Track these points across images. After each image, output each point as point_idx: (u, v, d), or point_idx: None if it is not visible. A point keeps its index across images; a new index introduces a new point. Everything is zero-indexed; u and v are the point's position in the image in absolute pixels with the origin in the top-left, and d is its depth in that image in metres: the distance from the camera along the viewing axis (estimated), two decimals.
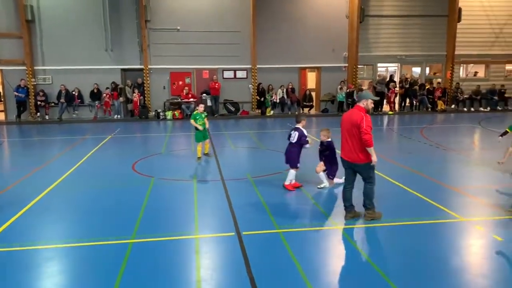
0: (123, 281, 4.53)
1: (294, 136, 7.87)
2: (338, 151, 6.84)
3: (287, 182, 7.99)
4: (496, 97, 22.02)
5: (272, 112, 20.64)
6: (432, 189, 7.84)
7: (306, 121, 8.30)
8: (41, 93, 19.31)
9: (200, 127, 10.38)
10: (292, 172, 7.94)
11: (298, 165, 7.99)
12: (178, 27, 19.93)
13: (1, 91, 19.84)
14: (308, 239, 5.67)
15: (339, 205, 6.68)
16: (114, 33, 19.61)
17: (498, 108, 21.92)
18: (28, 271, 4.84)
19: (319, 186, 8.00)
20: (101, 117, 19.77)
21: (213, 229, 6.12)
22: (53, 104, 19.66)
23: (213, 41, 20.07)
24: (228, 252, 5.30)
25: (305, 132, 7.95)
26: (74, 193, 7.98)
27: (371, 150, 5.95)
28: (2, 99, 20.14)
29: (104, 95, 19.56)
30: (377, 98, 6.22)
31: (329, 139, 7.99)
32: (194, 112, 10.72)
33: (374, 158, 5.99)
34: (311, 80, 23.82)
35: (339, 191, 7.55)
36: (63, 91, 19.32)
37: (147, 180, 8.77)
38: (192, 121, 10.58)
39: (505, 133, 9.11)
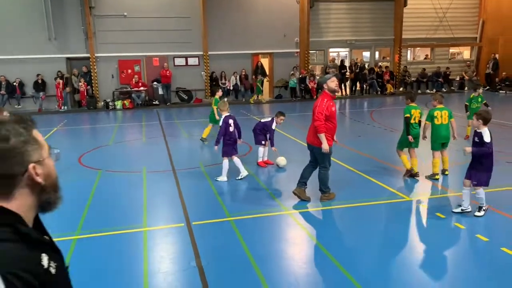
0: None
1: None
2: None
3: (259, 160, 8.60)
4: (441, 79, 22.93)
5: (226, 99, 20.46)
6: (380, 171, 8.06)
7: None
8: None
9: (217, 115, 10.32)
10: (260, 149, 8.62)
11: (263, 142, 8.56)
12: (125, 13, 19.20)
13: None
14: (258, 226, 5.67)
15: (289, 189, 6.71)
16: (57, 21, 18.62)
17: (443, 89, 22.83)
18: None
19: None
20: (46, 109, 18.85)
21: (163, 220, 6.00)
22: None
23: (162, 27, 19.51)
24: (177, 243, 5.21)
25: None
26: None
27: (321, 136, 6.00)
28: None
29: (57, 85, 18.51)
30: (330, 76, 6.29)
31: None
32: (216, 97, 11.04)
33: (324, 145, 6.01)
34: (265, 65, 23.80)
35: (289, 176, 7.60)
36: (3, 82, 18.22)
37: (94, 173, 8.45)
38: (215, 107, 10.60)
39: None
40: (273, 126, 8.55)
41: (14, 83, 18.48)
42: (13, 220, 1.22)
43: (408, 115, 7.50)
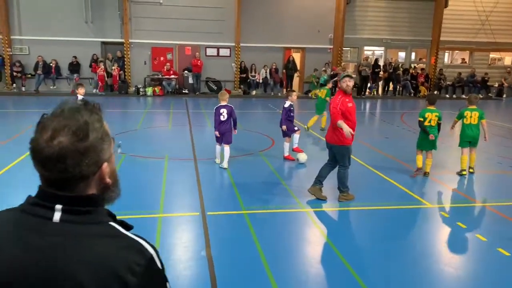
0: None
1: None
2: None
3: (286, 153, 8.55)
4: (478, 84, 22.10)
5: (254, 92, 20.45)
6: (403, 175, 7.84)
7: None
8: (17, 64, 18.75)
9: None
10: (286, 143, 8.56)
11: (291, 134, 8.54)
12: (161, 1, 19.40)
13: None
14: (272, 221, 5.63)
15: (308, 186, 6.61)
16: (95, 5, 19.02)
17: (480, 96, 22.02)
18: None
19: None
20: None
21: (179, 208, 6.04)
22: (29, 75, 19.12)
23: (196, 16, 19.61)
24: (190, 232, 5.23)
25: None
26: None
27: (340, 124, 5.81)
28: None
29: (99, 69, 18.89)
30: (343, 75, 6.25)
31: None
32: (327, 88, 11.68)
33: (345, 129, 5.76)
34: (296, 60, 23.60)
35: (309, 173, 7.50)
36: (40, 63, 18.78)
37: (118, 157, 8.59)
38: (328, 98, 10.98)
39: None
40: (286, 105, 8.51)
41: (51, 64, 19.02)
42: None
43: (421, 118, 7.55)
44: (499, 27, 22.46)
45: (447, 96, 22.17)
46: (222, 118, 7.81)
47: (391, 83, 21.83)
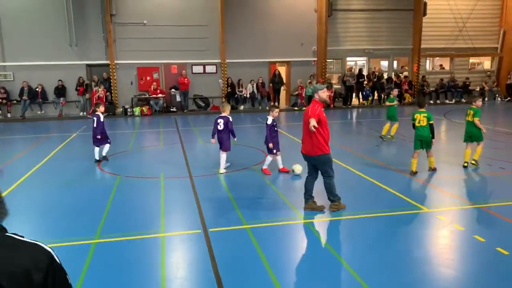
0: (86, 281, 4.40)
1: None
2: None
3: (264, 167, 8.66)
4: (460, 89, 22.61)
5: (242, 107, 20.58)
6: (397, 181, 7.98)
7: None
8: (1, 90, 18.60)
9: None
10: (268, 158, 8.66)
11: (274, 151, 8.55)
12: (145, 21, 19.52)
13: None
14: (275, 234, 5.66)
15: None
16: (78, 28, 19.05)
17: (463, 100, 22.54)
18: None
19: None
20: (66, 114, 19.22)
21: (180, 226, 6.04)
22: (15, 101, 18.96)
23: (181, 35, 19.77)
24: (194, 249, 5.23)
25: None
26: (37, 192, 7.72)
27: (312, 120, 5.85)
28: None
29: (95, 90, 18.80)
30: (323, 87, 6.33)
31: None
32: (391, 96, 12.70)
33: (312, 122, 5.82)
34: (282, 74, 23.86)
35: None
36: (25, 88, 18.67)
37: (113, 178, 8.57)
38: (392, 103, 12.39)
39: None
40: (269, 121, 8.55)
41: (37, 89, 18.90)
42: None
43: (412, 120, 8.51)
44: (476, 32, 23.11)
45: (431, 102, 22.60)
46: (219, 127, 8.62)
47: (375, 92, 22.19)
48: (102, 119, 10.02)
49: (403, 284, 4.32)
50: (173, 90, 20.14)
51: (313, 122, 5.83)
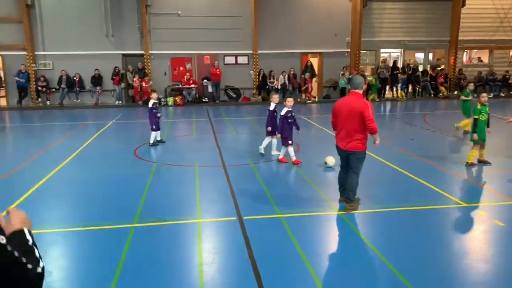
0: (125, 265, 4.56)
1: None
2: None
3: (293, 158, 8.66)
4: (495, 81, 21.83)
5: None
6: (435, 175, 7.83)
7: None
8: (42, 79, 19.24)
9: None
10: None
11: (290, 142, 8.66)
12: (179, 12, 19.73)
13: (2, 77, 19.75)
14: (309, 224, 5.69)
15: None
16: (115, 18, 19.45)
17: (502, 94, 21.76)
18: None
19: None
20: (102, 103, 19.73)
21: (215, 213, 6.14)
22: (54, 89, 19.60)
23: (214, 26, 19.89)
24: (229, 236, 5.32)
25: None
26: (76, 178, 8.00)
27: (377, 136, 5.97)
28: (3, 85, 20.07)
29: (134, 80, 19.38)
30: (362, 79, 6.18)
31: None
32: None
33: (378, 141, 6.05)
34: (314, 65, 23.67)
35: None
36: (63, 77, 19.25)
37: (150, 165, 8.78)
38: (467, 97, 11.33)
39: None
40: (283, 112, 8.57)
41: (74, 78, 19.47)
42: None
43: (477, 115, 8.46)
44: None
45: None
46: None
47: (410, 84, 21.71)
48: (150, 105, 10.88)
49: (441, 278, 4.27)
50: (205, 80, 20.32)
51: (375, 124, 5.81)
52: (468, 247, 5.06)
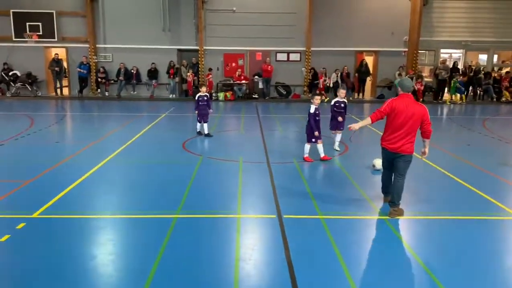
0: (165, 253, 4.69)
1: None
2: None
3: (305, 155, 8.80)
4: None
5: (327, 99, 20.25)
6: (489, 184, 7.40)
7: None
8: (101, 70, 20.18)
9: None
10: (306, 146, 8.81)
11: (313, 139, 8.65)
12: (234, 8, 19.95)
13: (67, 67, 20.93)
14: (350, 227, 5.56)
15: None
16: (172, 14, 20.00)
17: None
18: (82, 237, 5.13)
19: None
20: (157, 96, 20.38)
21: (255, 210, 6.16)
22: (112, 81, 20.50)
23: (268, 22, 19.92)
24: (268, 233, 5.32)
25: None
26: (126, 167, 8.33)
27: (428, 142, 5.92)
28: (67, 75, 21.26)
29: (188, 74, 20.01)
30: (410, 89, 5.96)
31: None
32: None
33: (427, 149, 5.97)
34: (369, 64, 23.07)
35: None
36: (122, 69, 20.08)
37: (196, 158, 8.96)
38: None
39: None
40: (311, 110, 8.50)
41: (132, 70, 20.25)
42: None
43: None
44: None
45: None
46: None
47: (471, 87, 20.62)
48: (196, 98, 11.58)
49: None
50: (256, 77, 20.41)
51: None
52: None
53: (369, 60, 21.07)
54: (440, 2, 20.37)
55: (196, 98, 11.49)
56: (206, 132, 11.32)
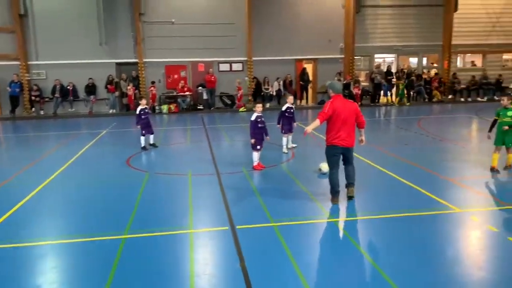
0: (116, 277, 4.49)
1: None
2: None
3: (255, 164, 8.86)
4: (492, 86, 21.94)
5: (268, 105, 20.53)
6: (428, 180, 7.81)
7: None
8: (35, 88, 19.17)
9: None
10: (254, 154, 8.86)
11: (258, 147, 8.74)
12: (173, 20, 19.77)
13: None
14: (302, 232, 5.63)
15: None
16: (108, 27, 19.44)
17: (495, 97, 21.83)
18: (21, 267, 4.79)
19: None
20: (96, 112, 19.66)
21: (208, 223, 6.08)
22: (47, 99, 19.53)
23: (208, 33, 19.92)
24: (222, 246, 5.26)
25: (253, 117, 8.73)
26: (68, 188, 7.93)
27: (364, 130, 6.82)
28: None
29: (128, 88, 19.43)
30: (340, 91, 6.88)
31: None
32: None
33: (364, 137, 6.91)
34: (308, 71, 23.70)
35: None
36: (57, 86, 19.20)
37: (142, 175, 8.71)
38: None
39: (494, 122, 8.49)
40: (252, 118, 8.71)
41: (68, 87, 19.41)
42: None
43: (496, 117, 8.35)
44: (510, 28, 22.33)
45: (462, 99, 22.03)
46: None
47: (404, 89, 21.75)
48: (137, 111, 11.38)
49: (434, 284, 4.22)
50: (200, 88, 20.31)
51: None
52: (462, 253, 5.02)
53: (309, 68, 21.66)
54: (372, 9, 21.41)
55: (138, 111, 11.35)
56: (151, 142, 11.35)
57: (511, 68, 23.50)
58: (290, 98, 10.53)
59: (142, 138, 11.24)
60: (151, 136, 11.37)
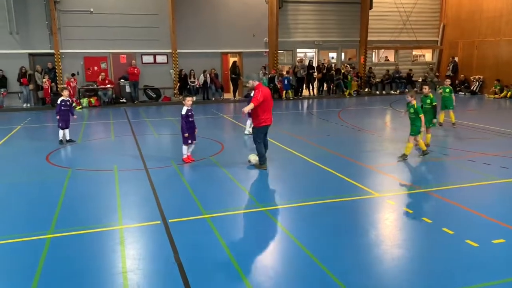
0: (42, 279, 4.27)
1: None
2: None
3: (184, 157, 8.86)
4: (404, 80, 23.69)
5: (194, 98, 20.34)
6: (349, 168, 8.31)
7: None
8: None
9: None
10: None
11: (189, 141, 8.78)
12: (91, 9, 18.79)
13: None
14: (235, 222, 5.75)
15: (264, 186, 6.86)
16: (19, 15, 18.00)
17: (406, 90, 23.57)
18: None
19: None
20: (8, 106, 18.18)
21: (138, 218, 5.96)
22: None
23: (130, 24, 19.23)
24: (154, 240, 5.21)
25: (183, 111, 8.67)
26: None
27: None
28: None
29: (72, 80, 18.14)
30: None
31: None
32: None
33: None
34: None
35: (262, 172, 7.78)
36: None
37: (64, 171, 8.27)
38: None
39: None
40: (183, 112, 8.67)
41: None
42: None
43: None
44: (419, 26, 24.23)
45: (377, 92, 23.52)
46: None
47: (325, 83, 22.75)
48: (58, 102, 11.03)
49: (362, 264, 4.55)
50: (122, 80, 19.58)
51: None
52: (383, 234, 5.44)
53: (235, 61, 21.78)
54: (294, 5, 22.03)
55: (59, 102, 10.96)
56: (68, 138, 10.96)
57: (420, 63, 25.53)
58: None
59: (61, 132, 10.85)
60: (67, 131, 10.96)
